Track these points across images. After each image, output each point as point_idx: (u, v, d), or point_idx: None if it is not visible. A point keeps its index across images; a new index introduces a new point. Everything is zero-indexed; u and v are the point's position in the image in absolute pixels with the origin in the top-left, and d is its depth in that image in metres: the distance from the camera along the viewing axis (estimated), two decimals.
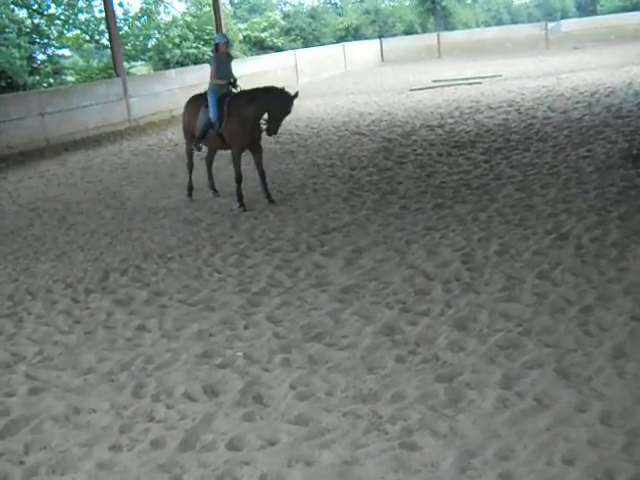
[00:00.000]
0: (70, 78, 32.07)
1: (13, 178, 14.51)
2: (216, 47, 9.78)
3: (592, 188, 8.69)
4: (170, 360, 5.36)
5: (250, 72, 27.62)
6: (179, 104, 22.90)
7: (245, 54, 38.54)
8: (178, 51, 35.02)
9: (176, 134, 18.42)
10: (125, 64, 26.08)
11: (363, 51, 38.74)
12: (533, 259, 6.58)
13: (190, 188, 10.62)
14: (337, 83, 27.21)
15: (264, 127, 9.39)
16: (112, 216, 10.23)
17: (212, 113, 9.52)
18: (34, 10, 30.78)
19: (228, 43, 9.99)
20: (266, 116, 9.32)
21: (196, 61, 34.06)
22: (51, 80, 29.87)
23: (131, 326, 6.11)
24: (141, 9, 36.23)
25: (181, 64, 33.27)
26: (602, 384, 4.34)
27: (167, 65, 33.70)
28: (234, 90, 9.68)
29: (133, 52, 35.47)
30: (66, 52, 36.32)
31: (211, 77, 9.63)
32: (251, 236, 8.39)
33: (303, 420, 4.33)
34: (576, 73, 22.23)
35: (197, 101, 10.10)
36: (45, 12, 31.43)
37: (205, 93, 9.95)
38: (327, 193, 10.07)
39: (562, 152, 10.95)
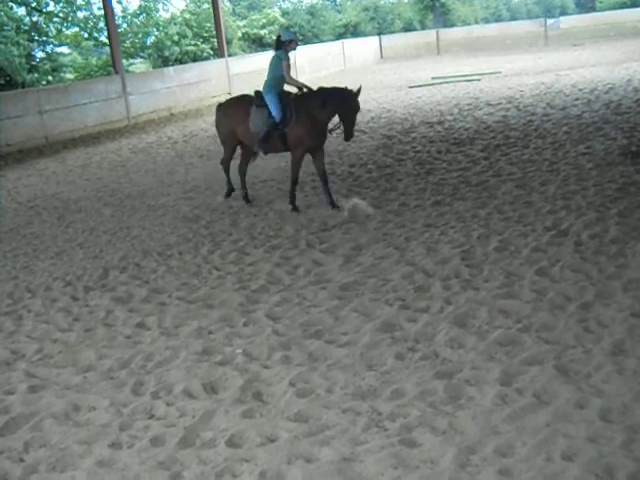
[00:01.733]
0: (69, 76, 32.04)
1: (12, 176, 14.50)
2: (282, 44, 9.05)
3: (591, 185, 8.69)
4: (170, 357, 5.37)
5: (249, 69, 27.62)
6: (178, 102, 23.14)
7: (244, 51, 38.51)
8: (177, 48, 34.97)
9: (175, 132, 18.45)
10: (124, 61, 26.04)
11: (362, 48, 38.69)
12: (532, 256, 6.59)
13: (230, 191, 10.11)
14: (336, 80, 27.21)
15: (334, 132, 8.99)
16: (111, 214, 10.23)
17: (276, 113, 8.87)
18: (33, 8, 30.74)
19: (296, 42, 9.24)
20: (336, 119, 8.85)
21: (195, 58, 34.04)
22: (50, 78, 29.85)
23: (130, 324, 6.11)
24: (140, 6, 36.15)
25: (180, 61, 33.23)
26: (601, 380, 4.34)
27: (166, 62, 33.66)
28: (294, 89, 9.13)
29: (132, 49, 35.47)
30: (65, 50, 36.25)
31: (287, 73, 8.99)
32: (250, 233, 8.39)
33: (303, 417, 4.34)
34: (575, 70, 22.22)
35: (241, 103, 9.46)
36: (44, 9, 31.39)
37: (245, 95, 9.60)
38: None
39: (561, 149, 10.95)
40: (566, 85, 18.46)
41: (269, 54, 34.85)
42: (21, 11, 31.08)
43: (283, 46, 9.05)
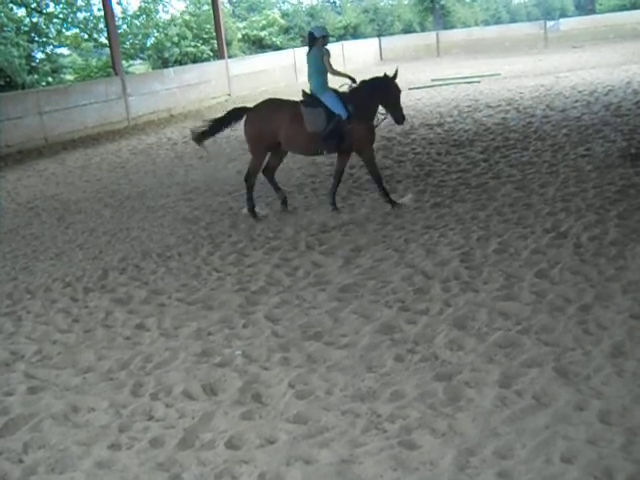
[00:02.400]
0: (69, 77, 32.04)
1: (12, 177, 14.51)
2: (315, 40, 8.88)
3: (591, 187, 8.69)
4: (169, 359, 5.36)
5: (249, 71, 27.69)
6: (178, 103, 23.16)
7: (244, 52, 38.51)
8: (177, 50, 34.98)
9: (175, 133, 18.45)
10: (124, 63, 26.07)
11: (362, 50, 38.68)
12: (532, 258, 6.59)
13: (253, 208, 9.16)
14: (336, 82, 27.16)
15: (383, 119, 8.86)
16: (111, 215, 10.23)
17: (341, 110, 8.57)
18: (33, 9, 30.75)
19: (328, 37, 9.06)
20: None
21: (195, 60, 34.04)
22: (50, 79, 29.85)
23: (130, 325, 6.11)
24: (140, 8, 36.19)
25: (180, 63, 33.24)
26: (601, 383, 4.34)
27: (166, 64, 33.67)
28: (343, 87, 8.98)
29: (132, 51, 35.49)
30: (65, 51, 36.26)
31: (331, 68, 8.77)
32: (250, 235, 8.39)
33: (302, 419, 4.33)
34: (575, 72, 22.22)
35: (282, 106, 8.95)
36: (44, 11, 31.41)
37: (281, 99, 9.38)
38: (326, 192, 10.05)
39: (561, 151, 10.96)
40: (566, 87, 18.47)
41: (269, 56, 34.78)
42: (21, 12, 31.11)
43: (317, 43, 8.90)
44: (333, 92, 8.80)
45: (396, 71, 8.73)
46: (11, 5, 29.88)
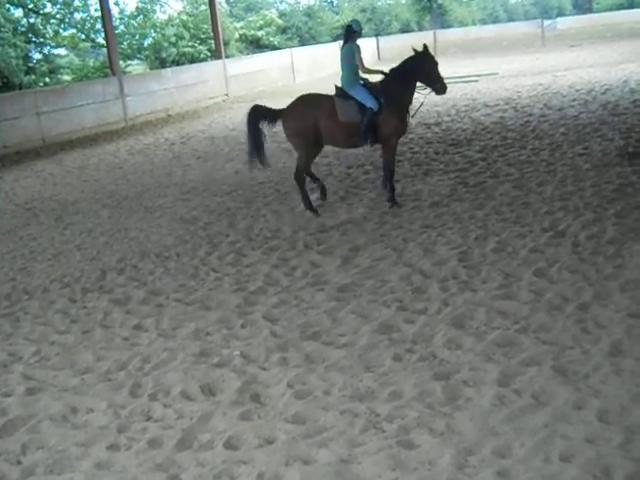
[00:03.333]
0: (66, 77, 32.04)
1: (9, 178, 14.50)
2: (354, 33, 8.84)
3: (589, 186, 8.70)
4: (167, 359, 5.36)
5: (246, 71, 27.68)
6: (175, 103, 23.15)
7: (241, 52, 38.52)
8: (174, 50, 34.98)
9: (172, 133, 18.44)
10: (121, 63, 26.08)
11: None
12: (530, 257, 6.59)
13: (309, 201, 9.02)
14: (333, 81, 27.20)
15: (420, 105, 8.98)
16: (109, 215, 10.22)
17: (371, 103, 8.58)
18: (30, 9, 30.76)
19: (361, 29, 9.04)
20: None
21: (192, 60, 34.05)
22: (47, 79, 29.85)
23: (128, 325, 6.11)
24: (137, 8, 36.25)
25: (177, 63, 33.24)
26: (599, 381, 4.34)
27: (163, 64, 33.67)
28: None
29: (129, 51, 35.51)
30: (62, 51, 36.26)
31: (362, 65, 8.76)
32: (248, 235, 8.39)
33: (300, 419, 4.33)
34: (572, 71, 22.23)
35: (320, 100, 8.97)
36: (41, 11, 31.41)
37: (317, 93, 9.39)
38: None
39: (559, 150, 10.96)
40: (563, 86, 18.47)
41: (267, 55, 34.75)
42: (18, 13, 31.14)
43: (351, 38, 8.88)
44: (362, 86, 8.80)
45: (425, 45, 8.75)
46: (8, 5, 29.87)
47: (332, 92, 9.06)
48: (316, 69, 32.74)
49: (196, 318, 6.10)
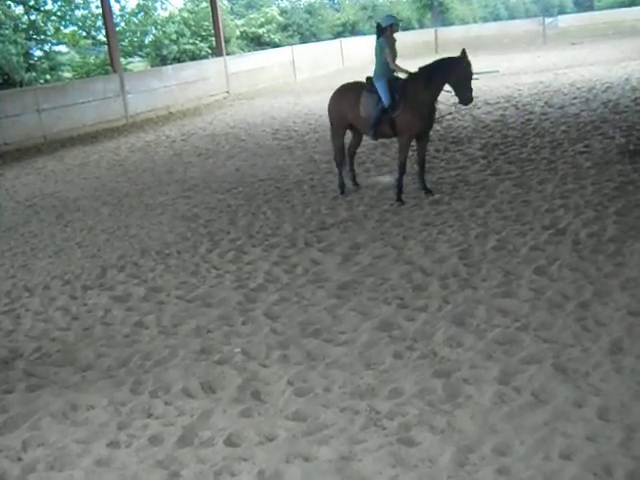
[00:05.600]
0: (67, 74, 32.02)
1: (10, 175, 14.50)
2: (383, 30, 9.11)
3: (589, 184, 8.69)
4: (168, 356, 5.36)
5: (247, 68, 27.68)
6: (176, 100, 23.16)
7: (242, 50, 38.50)
8: (175, 47, 34.97)
9: (173, 130, 18.44)
10: (122, 60, 26.05)
11: (360, 47, 38.66)
12: (530, 255, 6.59)
13: (342, 185, 9.67)
14: (334, 79, 27.19)
15: (454, 101, 9.04)
16: (109, 212, 10.22)
17: (385, 99, 8.82)
18: (31, 6, 30.73)
19: (397, 25, 9.25)
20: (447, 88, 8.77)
21: (193, 57, 34.04)
22: (48, 76, 29.82)
23: (129, 322, 6.11)
24: (138, 5, 36.25)
25: (178, 60, 33.24)
26: (599, 379, 4.34)
27: (164, 61, 33.66)
28: (401, 75, 9.10)
29: (130, 48, 35.49)
30: (63, 48, 36.20)
31: (390, 61, 8.93)
32: (248, 232, 8.39)
33: (301, 416, 4.34)
34: (573, 69, 22.21)
35: (354, 88, 9.43)
36: (42, 8, 31.38)
37: (359, 82, 9.59)
38: (324, 189, 10.07)
39: (559, 148, 10.96)
40: (564, 84, 18.46)
41: (268, 52, 34.85)
42: (19, 9, 31.11)
43: (384, 33, 9.08)
44: (385, 80, 8.94)
45: (464, 51, 8.75)
46: (9, 2, 29.85)
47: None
48: (317, 67, 32.76)
49: (197, 315, 6.11)
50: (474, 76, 8.80)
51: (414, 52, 38.24)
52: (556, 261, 6.33)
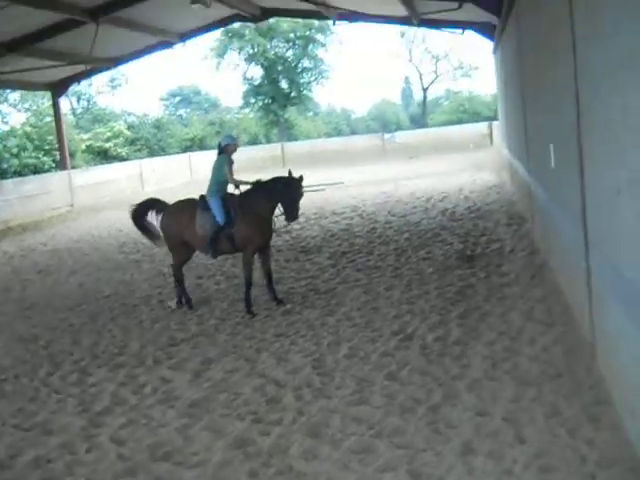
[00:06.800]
0: None
1: None
2: (224, 148, 9.07)
3: (433, 288, 9.06)
4: None
5: (93, 181, 27.38)
6: (16, 214, 22.24)
7: (87, 163, 38.03)
8: (16, 161, 34.02)
9: (12, 246, 17.59)
10: None
11: (208, 160, 39.20)
12: (381, 361, 6.67)
13: (187, 300, 9.51)
14: (181, 191, 27.32)
15: (279, 219, 8.99)
16: None
17: (219, 216, 8.86)
18: None
19: (236, 144, 9.30)
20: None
21: (36, 171, 33.22)
22: None
23: None
24: None
25: (19, 174, 32.25)
26: None
27: (4, 175, 32.54)
28: (236, 190, 9.13)
29: None
30: None
31: (230, 176, 8.94)
32: (93, 352, 7.98)
33: None
34: (412, 180, 23.61)
35: (187, 206, 9.33)
36: None
37: (192, 199, 9.47)
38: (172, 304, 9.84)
39: (404, 254, 11.42)
40: (405, 194, 19.52)
41: (114, 166, 34.61)
42: None
43: (224, 151, 9.09)
44: (219, 198, 8.96)
45: (301, 176, 8.89)
46: None
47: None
48: (165, 179, 32.95)
49: (36, 444, 5.63)
50: (321, 187, 9.17)
51: (262, 165, 39.36)
52: (406, 366, 6.44)
